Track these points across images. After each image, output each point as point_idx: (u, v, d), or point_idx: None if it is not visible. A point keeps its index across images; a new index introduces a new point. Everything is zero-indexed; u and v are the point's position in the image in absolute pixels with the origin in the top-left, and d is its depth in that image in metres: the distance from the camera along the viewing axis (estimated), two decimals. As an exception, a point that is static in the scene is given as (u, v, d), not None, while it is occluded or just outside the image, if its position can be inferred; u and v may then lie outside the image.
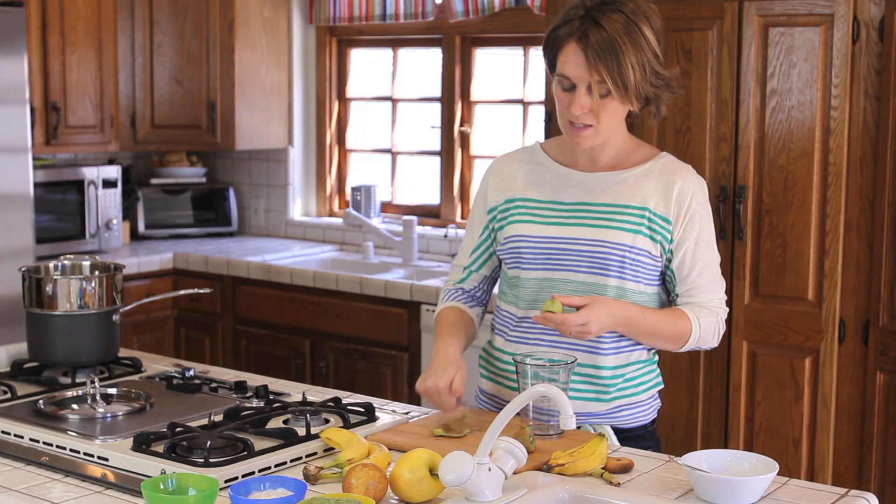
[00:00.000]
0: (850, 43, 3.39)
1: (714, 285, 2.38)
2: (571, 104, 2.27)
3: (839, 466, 3.53)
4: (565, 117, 2.30)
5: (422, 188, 5.25)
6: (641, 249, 2.32)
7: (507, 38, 4.88)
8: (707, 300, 2.37)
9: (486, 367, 2.50)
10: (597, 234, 2.33)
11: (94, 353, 2.66)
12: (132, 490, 1.94)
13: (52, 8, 4.72)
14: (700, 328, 2.34)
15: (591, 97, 2.25)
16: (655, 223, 2.33)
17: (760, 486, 1.90)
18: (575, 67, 2.24)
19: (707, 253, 2.37)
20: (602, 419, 2.37)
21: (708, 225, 2.38)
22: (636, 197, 2.34)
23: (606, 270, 2.32)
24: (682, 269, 2.36)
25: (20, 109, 4.37)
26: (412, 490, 1.87)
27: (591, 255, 2.32)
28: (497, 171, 2.49)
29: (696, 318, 2.34)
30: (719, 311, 2.39)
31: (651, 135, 3.68)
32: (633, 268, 2.33)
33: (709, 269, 2.37)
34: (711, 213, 2.40)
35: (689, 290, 2.37)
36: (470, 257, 2.51)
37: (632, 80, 2.23)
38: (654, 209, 2.33)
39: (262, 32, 5.25)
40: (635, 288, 2.34)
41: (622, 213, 2.33)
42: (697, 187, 2.37)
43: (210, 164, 5.75)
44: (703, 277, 2.36)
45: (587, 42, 2.22)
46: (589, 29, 2.22)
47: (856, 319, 3.47)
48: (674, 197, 2.33)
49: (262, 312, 4.79)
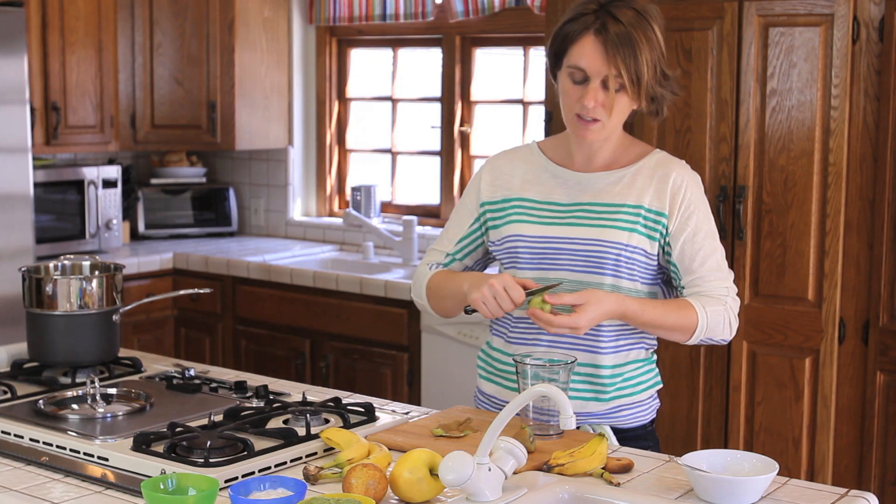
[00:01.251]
0: (850, 43, 3.39)
1: (719, 274, 2.35)
2: (583, 97, 2.27)
3: (839, 466, 3.53)
4: (573, 110, 2.30)
5: (422, 188, 5.25)
6: (637, 248, 2.32)
7: (507, 38, 4.88)
8: (712, 289, 2.33)
9: (484, 368, 2.50)
10: (592, 233, 2.33)
11: (94, 353, 2.66)
12: (132, 490, 1.94)
13: (52, 8, 4.72)
14: (707, 317, 2.31)
15: (604, 91, 2.26)
16: (650, 219, 2.33)
17: (760, 486, 1.90)
18: (592, 60, 2.24)
19: (708, 243, 2.35)
20: (601, 419, 2.37)
21: (706, 216, 2.36)
22: (631, 195, 2.34)
23: (602, 269, 2.32)
24: (682, 259, 2.34)
25: (20, 109, 4.37)
26: (412, 490, 1.87)
27: (587, 255, 2.33)
28: (494, 167, 2.49)
29: (701, 307, 2.31)
30: (727, 299, 2.34)
31: (651, 135, 3.68)
32: (629, 266, 2.33)
33: (711, 258, 2.34)
34: (709, 206, 2.39)
35: (694, 280, 2.34)
36: (455, 245, 2.50)
37: (645, 76, 2.25)
38: (648, 206, 2.33)
39: (262, 32, 5.25)
40: (631, 286, 2.34)
41: (617, 213, 2.33)
42: (691, 179, 2.37)
43: (210, 164, 5.75)
44: (706, 267, 2.33)
45: (606, 35, 2.23)
46: (608, 22, 2.23)
47: (856, 319, 3.47)
48: (668, 190, 2.33)
49: (262, 312, 4.79)
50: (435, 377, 4.27)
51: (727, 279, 2.37)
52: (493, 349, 2.48)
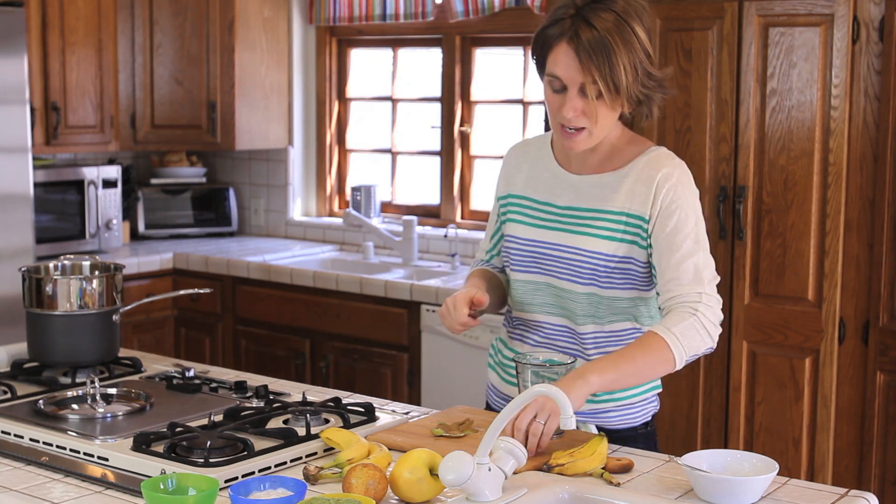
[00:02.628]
0: (850, 43, 3.39)
1: (695, 277, 2.21)
2: (563, 106, 2.21)
3: (839, 466, 3.53)
4: (557, 120, 2.25)
5: (422, 188, 5.25)
6: (622, 257, 2.27)
7: (507, 38, 4.88)
8: (684, 294, 2.19)
9: (493, 357, 2.53)
10: (575, 241, 2.30)
11: (94, 353, 2.66)
12: (132, 490, 1.94)
13: (52, 8, 4.72)
14: (677, 338, 2.16)
15: (583, 99, 2.20)
16: (632, 225, 2.27)
17: (760, 486, 1.90)
18: (566, 68, 2.19)
19: (688, 245, 2.22)
20: (588, 419, 2.35)
21: (690, 216, 2.25)
22: (616, 201, 2.28)
23: (579, 277, 2.30)
24: (659, 261, 2.24)
25: (20, 109, 4.37)
26: (412, 490, 1.87)
27: (568, 262, 2.31)
28: (507, 161, 2.51)
29: (666, 330, 2.16)
30: (698, 306, 2.18)
31: (651, 135, 3.68)
32: (608, 275, 2.28)
33: (689, 261, 2.21)
34: (699, 207, 2.30)
35: (668, 282, 2.22)
36: (490, 242, 2.55)
37: (623, 83, 2.17)
38: (629, 211, 2.27)
39: (262, 32, 5.25)
40: (611, 294, 2.30)
41: (602, 220, 2.29)
42: (678, 180, 2.27)
43: (210, 164, 5.75)
44: (682, 269, 2.20)
45: (579, 42, 2.16)
46: (580, 28, 2.16)
47: (856, 319, 3.47)
48: (652, 192, 2.26)
49: (262, 312, 4.79)
50: (435, 377, 4.27)
51: (702, 284, 2.21)
52: (500, 342, 2.52)
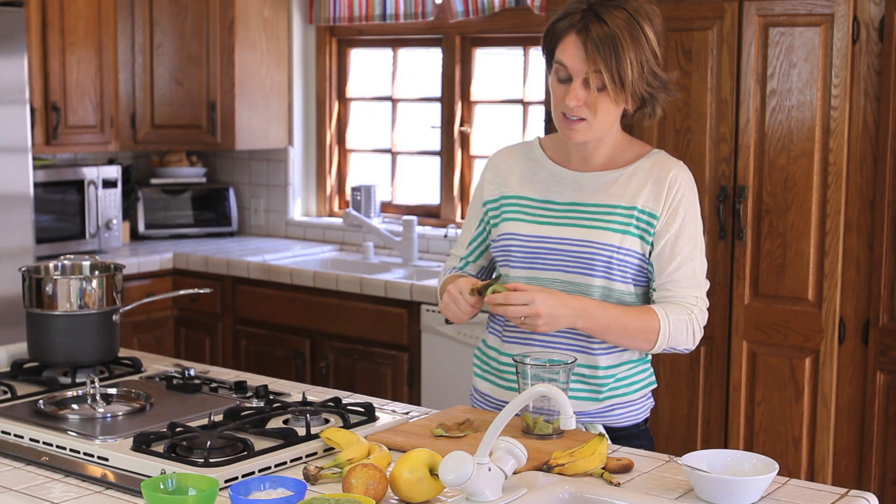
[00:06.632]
0: (850, 43, 3.39)
1: (693, 281, 2.33)
2: (566, 95, 2.27)
3: (839, 466, 3.53)
4: (559, 109, 2.31)
5: (422, 188, 5.25)
6: (630, 250, 2.32)
7: (507, 38, 4.88)
8: (682, 295, 2.32)
9: (479, 367, 2.50)
10: (585, 234, 2.33)
11: (94, 353, 2.66)
12: (132, 490, 1.94)
13: (52, 8, 4.72)
14: (669, 324, 2.29)
15: (586, 90, 2.26)
16: (643, 221, 2.32)
17: (760, 486, 1.90)
18: (573, 58, 2.25)
19: (689, 248, 2.33)
20: (594, 418, 2.36)
21: (692, 221, 2.35)
22: (625, 196, 2.34)
23: (592, 270, 2.32)
24: (660, 260, 2.32)
25: (20, 109, 4.37)
26: (412, 490, 1.87)
27: (578, 256, 2.33)
28: (494, 165, 2.51)
29: (664, 314, 2.29)
30: (694, 308, 2.32)
31: (651, 135, 3.68)
32: (621, 268, 2.32)
33: (688, 265, 2.33)
34: (699, 212, 2.38)
35: (666, 283, 2.33)
36: (467, 248, 2.54)
37: (629, 77, 2.23)
38: (642, 207, 2.32)
39: (262, 32, 5.25)
40: (623, 288, 2.34)
41: (611, 214, 2.33)
42: (685, 182, 2.35)
43: (210, 164, 5.75)
44: (682, 272, 2.32)
45: (588, 35, 2.23)
46: (590, 22, 2.23)
47: (856, 319, 3.47)
48: (663, 191, 2.33)
49: (262, 312, 4.79)
50: (435, 377, 4.27)
51: (700, 288, 2.35)
52: (489, 347, 2.48)
